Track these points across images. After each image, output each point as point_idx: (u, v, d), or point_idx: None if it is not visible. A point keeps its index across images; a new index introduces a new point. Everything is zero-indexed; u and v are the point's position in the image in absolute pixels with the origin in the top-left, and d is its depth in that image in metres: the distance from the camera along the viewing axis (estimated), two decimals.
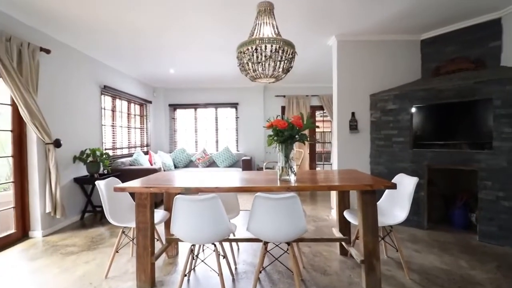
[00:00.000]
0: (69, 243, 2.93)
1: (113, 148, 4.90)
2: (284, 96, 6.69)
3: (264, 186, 1.82)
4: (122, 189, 1.86)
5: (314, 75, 5.80)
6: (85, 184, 3.78)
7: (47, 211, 3.13)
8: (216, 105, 6.77)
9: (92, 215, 3.98)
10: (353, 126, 3.64)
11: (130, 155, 5.36)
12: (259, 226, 1.76)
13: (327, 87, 6.69)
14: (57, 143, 3.24)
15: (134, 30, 3.28)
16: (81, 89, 3.90)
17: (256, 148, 6.67)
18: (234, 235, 2.57)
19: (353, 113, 3.65)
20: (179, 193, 1.83)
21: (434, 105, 3.12)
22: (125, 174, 4.21)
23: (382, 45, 3.62)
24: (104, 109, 4.56)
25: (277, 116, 2.13)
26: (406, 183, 2.21)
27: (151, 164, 5.09)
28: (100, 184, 2.16)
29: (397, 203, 2.28)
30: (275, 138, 2.01)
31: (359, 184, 1.82)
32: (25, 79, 2.85)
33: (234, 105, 6.76)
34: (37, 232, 3.12)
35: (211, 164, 6.35)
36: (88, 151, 3.86)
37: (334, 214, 3.80)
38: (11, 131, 2.97)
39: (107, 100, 4.69)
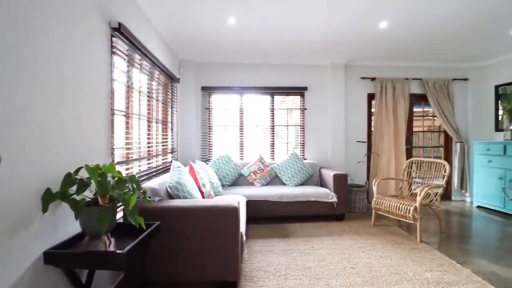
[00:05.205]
0: None
1: (127, 160, 2.50)
2: (373, 79, 4.54)
3: None
4: None
5: (429, 45, 3.68)
6: (73, 265, 1.41)
7: None
8: (273, 91, 4.48)
9: None
10: None
11: (155, 172, 3.00)
12: None
13: (433, 68, 4.64)
14: None
15: None
16: (64, 19, 1.52)
17: (334, 155, 4.46)
18: None
19: None
20: None
21: None
22: (171, 224, 1.90)
23: None
24: (115, 80, 2.17)
25: None
26: None
27: (200, 189, 2.73)
28: None
29: None
30: None
31: None
32: None
33: (301, 91, 4.52)
34: None
35: (273, 180, 4.08)
36: (85, 175, 1.50)
37: None
38: None
39: (118, 63, 2.28)
